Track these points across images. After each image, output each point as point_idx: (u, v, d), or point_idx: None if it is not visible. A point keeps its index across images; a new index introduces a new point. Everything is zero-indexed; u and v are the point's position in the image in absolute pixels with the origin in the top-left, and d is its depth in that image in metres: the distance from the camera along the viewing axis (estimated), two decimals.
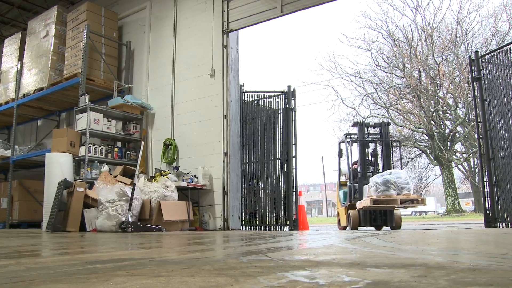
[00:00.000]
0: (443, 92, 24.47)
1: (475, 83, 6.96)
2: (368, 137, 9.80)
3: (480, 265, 1.60)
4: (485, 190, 6.65)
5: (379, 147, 9.84)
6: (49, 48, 9.63)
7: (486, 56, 6.98)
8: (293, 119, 8.02)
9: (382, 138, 9.55)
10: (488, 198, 6.54)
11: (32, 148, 10.66)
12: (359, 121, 9.91)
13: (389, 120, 10.26)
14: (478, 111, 6.94)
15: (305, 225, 8.23)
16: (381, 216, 8.91)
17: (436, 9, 29.82)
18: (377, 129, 9.98)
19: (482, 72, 6.85)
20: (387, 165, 9.32)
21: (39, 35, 10.02)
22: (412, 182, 8.40)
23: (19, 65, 10.46)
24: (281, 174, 7.94)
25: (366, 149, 9.69)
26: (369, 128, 10.04)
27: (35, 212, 9.76)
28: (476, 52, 7.06)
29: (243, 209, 8.17)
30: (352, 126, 10.21)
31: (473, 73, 6.98)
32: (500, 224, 6.38)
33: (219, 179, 7.86)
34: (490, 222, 6.42)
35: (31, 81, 9.90)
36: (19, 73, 10.38)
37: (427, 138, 24.87)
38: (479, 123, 6.91)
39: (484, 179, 6.71)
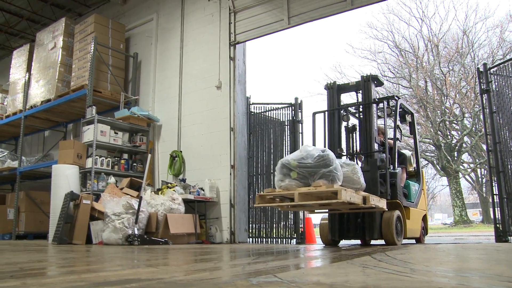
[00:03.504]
0: (449, 103, 24.40)
1: (483, 95, 6.90)
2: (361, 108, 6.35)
3: None
4: (495, 203, 6.57)
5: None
6: (56, 59, 9.69)
7: (494, 68, 6.93)
8: (300, 131, 7.98)
9: (365, 100, 6.10)
10: (499, 212, 6.45)
11: (39, 159, 10.69)
12: (329, 83, 6.52)
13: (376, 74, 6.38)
14: (486, 123, 6.88)
15: (312, 238, 8.16)
16: (362, 224, 5.76)
17: (442, 20, 30.03)
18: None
19: (490, 84, 6.80)
20: (367, 145, 5.96)
21: (47, 46, 10.09)
22: (337, 164, 4.83)
23: (27, 76, 10.53)
24: None
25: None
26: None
27: (42, 223, 9.75)
28: (485, 64, 7.01)
29: (250, 222, 8.12)
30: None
31: (482, 85, 6.93)
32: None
33: (226, 192, 7.83)
34: (500, 236, 6.32)
35: (39, 93, 9.96)
36: (27, 85, 10.44)
37: (434, 148, 24.75)
38: (488, 136, 6.84)
39: (494, 192, 6.63)
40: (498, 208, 6.44)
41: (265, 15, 8.03)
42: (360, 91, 6.28)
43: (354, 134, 6.52)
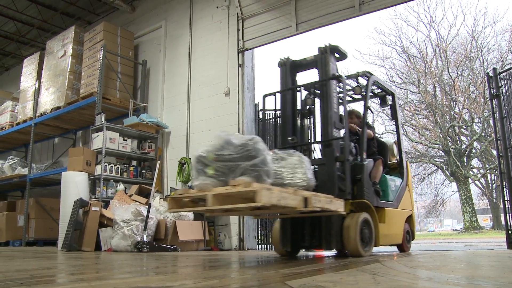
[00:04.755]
0: (458, 108, 24.22)
1: (493, 100, 6.84)
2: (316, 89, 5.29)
3: None
4: (506, 209, 6.49)
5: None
6: (66, 67, 9.77)
7: (504, 73, 6.87)
8: None
9: (321, 77, 4.94)
10: (510, 218, 6.37)
11: (48, 166, 10.75)
12: (282, 59, 5.29)
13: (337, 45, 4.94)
14: (497, 129, 6.81)
15: None
16: (318, 231, 4.59)
17: (451, 24, 29.84)
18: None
19: (500, 89, 6.74)
20: (324, 132, 4.76)
21: (57, 55, 10.18)
22: (269, 156, 3.62)
23: (37, 84, 10.62)
24: None
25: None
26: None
27: (51, 230, 9.78)
28: (495, 69, 6.96)
29: (259, 229, 8.09)
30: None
31: (492, 90, 6.87)
32: None
33: None
34: None
35: (49, 100, 10.03)
36: (37, 92, 10.53)
37: (443, 154, 24.54)
38: (499, 141, 6.77)
39: (505, 198, 6.54)
40: (510, 214, 6.35)
41: (273, 21, 8.04)
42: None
43: (311, 119, 5.39)
